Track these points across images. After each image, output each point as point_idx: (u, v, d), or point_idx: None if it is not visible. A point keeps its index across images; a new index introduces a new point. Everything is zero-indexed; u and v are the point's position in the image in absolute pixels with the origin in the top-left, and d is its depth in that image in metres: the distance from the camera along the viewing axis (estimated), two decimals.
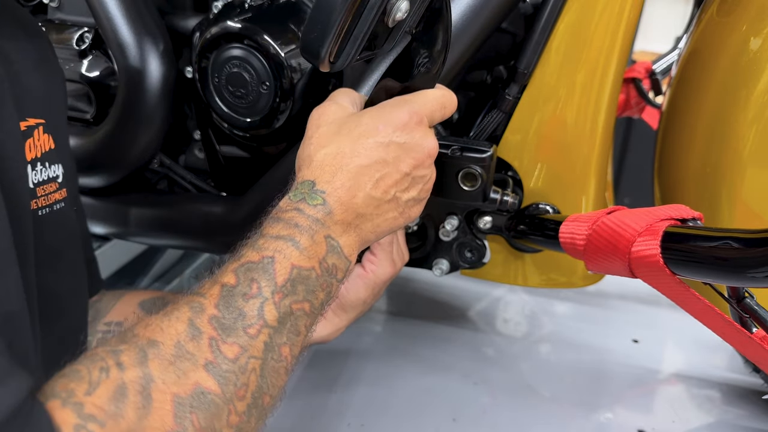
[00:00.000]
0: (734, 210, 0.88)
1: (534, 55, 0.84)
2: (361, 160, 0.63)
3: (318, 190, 0.62)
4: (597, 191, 0.90)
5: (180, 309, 0.52)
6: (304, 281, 0.57)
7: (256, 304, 0.54)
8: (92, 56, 0.94)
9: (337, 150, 0.63)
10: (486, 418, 0.93)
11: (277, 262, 0.56)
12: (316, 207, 0.61)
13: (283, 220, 0.60)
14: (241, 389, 0.50)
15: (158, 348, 0.48)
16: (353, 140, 0.64)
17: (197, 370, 0.48)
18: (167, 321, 0.51)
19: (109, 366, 0.46)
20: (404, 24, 0.66)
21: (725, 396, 1.02)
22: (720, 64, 0.88)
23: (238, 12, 0.84)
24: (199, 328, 0.51)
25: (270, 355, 0.53)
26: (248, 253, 0.58)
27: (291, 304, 0.56)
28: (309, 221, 0.60)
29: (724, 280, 0.63)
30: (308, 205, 0.61)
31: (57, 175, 0.66)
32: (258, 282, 0.55)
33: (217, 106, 0.86)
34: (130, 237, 1.00)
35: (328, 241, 0.61)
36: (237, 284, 0.55)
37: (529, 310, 1.26)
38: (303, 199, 0.61)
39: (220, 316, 0.52)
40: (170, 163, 1.00)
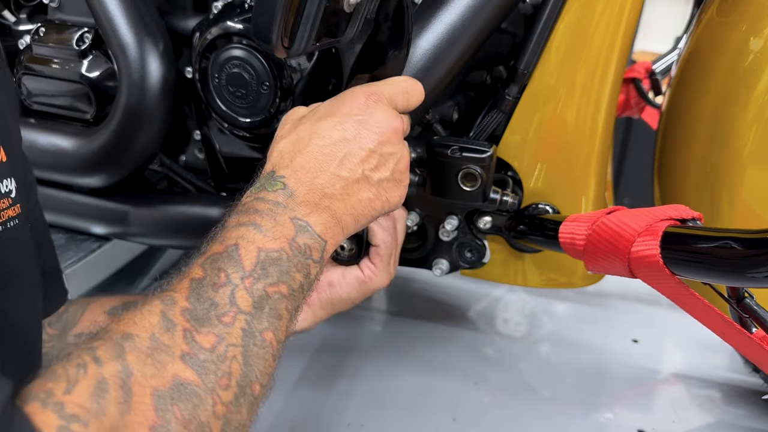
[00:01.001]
0: (734, 210, 0.88)
1: (534, 55, 0.84)
2: (320, 140, 0.63)
3: (277, 176, 0.62)
4: (597, 191, 0.90)
5: (152, 303, 0.52)
6: (275, 263, 0.56)
7: (226, 292, 0.53)
8: (92, 56, 0.94)
9: (297, 137, 0.64)
10: (486, 418, 0.93)
11: (241, 248, 0.56)
12: (276, 192, 0.61)
13: (243, 210, 0.60)
14: (223, 378, 0.49)
15: (134, 341, 0.48)
16: (311, 125, 0.65)
17: (174, 362, 0.48)
18: (140, 315, 0.50)
19: (86, 362, 0.45)
20: (362, 8, 0.65)
21: (725, 396, 1.02)
22: (720, 64, 0.88)
23: (238, 12, 0.84)
24: (172, 320, 0.50)
25: (251, 342, 0.53)
26: (213, 246, 0.57)
27: (265, 288, 0.55)
28: (269, 205, 0.59)
29: (723, 281, 0.63)
30: (268, 191, 0.61)
31: (9, 189, 0.61)
32: (225, 270, 0.54)
33: (217, 106, 0.86)
34: (130, 237, 1.00)
35: (296, 222, 0.60)
36: (205, 276, 0.54)
37: (529, 310, 1.26)
38: (263, 187, 0.61)
39: (191, 308, 0.52)
40: (170, 163, 1.00)
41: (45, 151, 0.95)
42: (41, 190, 1.01)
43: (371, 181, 0.65)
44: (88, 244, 1.03)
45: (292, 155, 0.63)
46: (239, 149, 0.97)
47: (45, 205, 1.02)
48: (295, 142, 0.64)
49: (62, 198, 1.00)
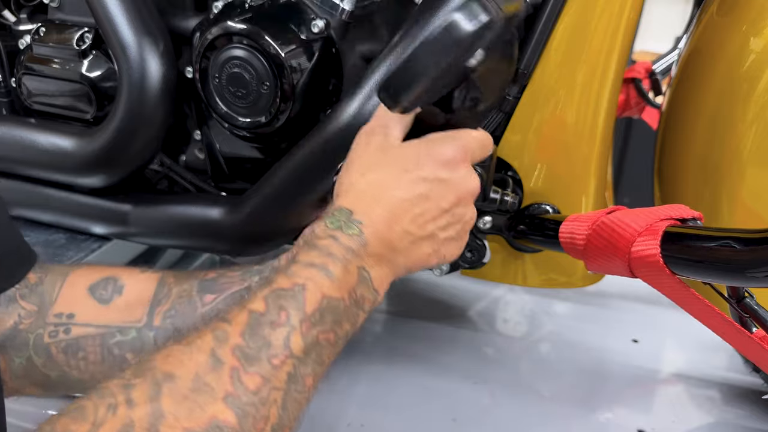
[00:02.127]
0: (734, 210, 0.88)
1: (534, 55, 0.84)
2: (402, 193, 0.62)
3: (355, 220, 0.61)
4: (597, 191, 0.90)
5: (203, 338, 0.51)
6: (333, 311, 0.56)
7: (282, 334, 0.53)
8: (92, 56, 0.94)
9: (379, 180, 0.63)
10: (486, 418, 0.93)
11: (307, 291, 0.55)
12: (352, 237, 0.60)
13: (318, 247, 0.59)
14: (260, 422, 0.49)
15: (175, 382, 0.47)
16: (396, 172, 0.63)
17: (215, 402, 0.47)
18: (188, 352, 0.50)
19: (118, 403, 0.44)
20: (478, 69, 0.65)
21: (725, 396, 1.02)
22: (720, 64, 0.88)
23: (238, 12, 0.84)
24: (220, 359, 0.49)
25: (293, 387, 0.53)
26: (279, 280, 0.56)
27: (318, 334, 0.55)
28: (343, 250, 0.59)
29: (723, 280, 0.63)
30: (344, 234, 0.60)
31: None
32: (287, 310, 0.54)
33: (218, 106, 0.86)
34: (130, 237, 1.00)
35: (360, 272, 0.60)
36: (266, 311, 0.53)
37: (529, 310, 1.26)
38: (339, 227, 0.60)
39: (244, 344, 0.51)
40: (170, 162, 1.00)
41: (45, 151, 0.95)
42: (42, 190, 1.01)
43: (437, 239, 0.65)
44: (88, 243, 1.03)
45: (372, 201, 0.62)
46: (239, 149, 0.97)
47: (45, 205, 1.02)
48: (377, 185, 0.63)
49: (62, 198, 1.00)
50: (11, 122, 0.98)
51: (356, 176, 0.64)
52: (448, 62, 0.58)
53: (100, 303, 0.73)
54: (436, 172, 0.63)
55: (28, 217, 1.05)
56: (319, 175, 0.83)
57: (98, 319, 0.72)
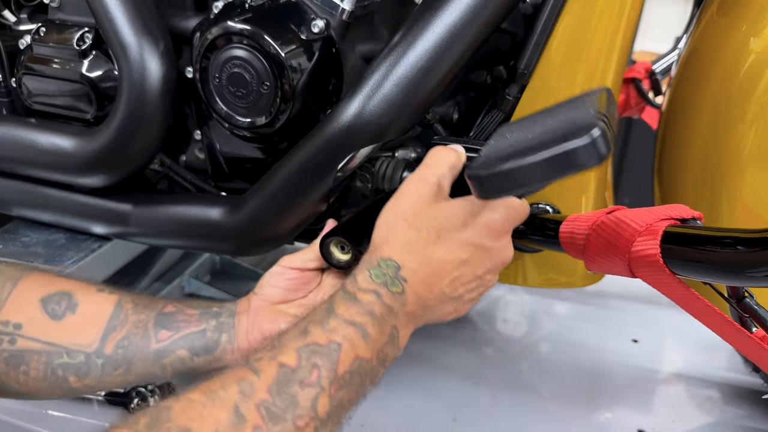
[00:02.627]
0: (734, 209, 0.88)
1: (534, 55, 0.84)
2: (448, 254, 0.63)
3: (401, 276, 0.61)
4: (597, 191, 0.90)
5: (227, 389, 0.50)
6: (361, 373, 0.57)
7: (311, 394, 0.52)
8: (93, 56, 0.95)
9: (429, 236, 0.63)
10: (486, 418, 0.94)
11: (343, 351, 0.55)
12: (395, 295, 0.60)
13: (360, 302, 0.59)
14: None
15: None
16: (446, 231, 0.63)
17: None
18: (209, 406, 0.49)
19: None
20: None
21: (725, 396, 1.02)
22: (720, 64, 0.88)
23: (238, 12, 0.84)
24: (243, 416, 0.48)
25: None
26: (315, 333, 0.56)
27: (343, 396, 0.55)
28: (384, 310, 0.59)
29: (723, 280, 0.63)
30: (388, 291, 0.60)
31: None
32: (319, 369, 0.53)
33: (218, 106, 0.86)
34: (131, 237, 1.00)
35: (392, 331, 0.60)
36: (297, 367, 0.53)
37: (529, 310, 1.26)
38: (385, 282, 0.60)
39: (270, 402, 0.50)
40: (170, 162, 1.00)
41: (45, 151, 0.95)
42: (42, 190, 1.01)
43: (461, 299, 0.66)
44: (89, 243, 1.03)
45: (420, 261, 0.62)
46: (240, 149, 0.97)
47: (46, 205, 1.02)
48: (426, 243, 0.63)
49: (63, 198, 1.00)
50: (11, 122, 0.98)
51: (405, 225, 0.64)
52: (553, 180, 0.57)
53: (51, 318, 0.71)
54: (482, 239, 0.64)
55: (29, 217, 1.06)
56: (319, 175, 0.83)
57: (46, 335, 0.70)
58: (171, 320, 0.75)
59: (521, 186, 0.57)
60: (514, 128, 0.65)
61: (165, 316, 0.75)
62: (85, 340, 0.71)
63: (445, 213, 0.64)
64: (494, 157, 0.59)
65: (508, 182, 0.57)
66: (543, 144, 0.55)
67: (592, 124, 0.53)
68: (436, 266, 0.62)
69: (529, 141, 0.58)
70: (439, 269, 0.62)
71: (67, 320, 0.71)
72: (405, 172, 0.87)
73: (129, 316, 0.73)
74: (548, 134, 0.57)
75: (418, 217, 0.64)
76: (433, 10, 0.78)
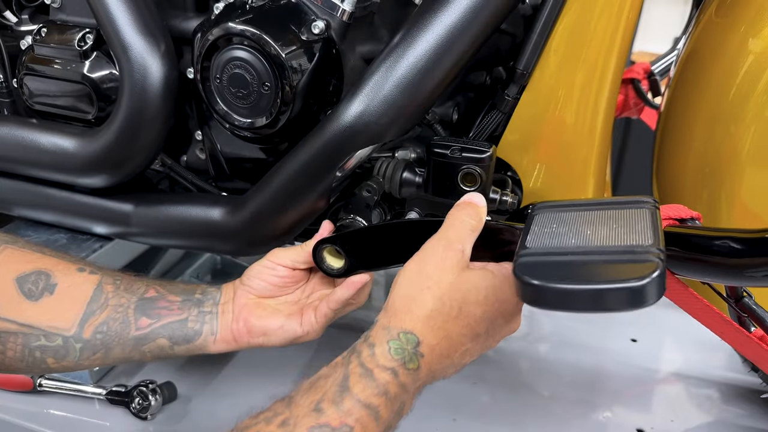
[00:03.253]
0: (733, 210, 0.89)
1: (533, 55, 0.84)
2: (466, 330, 0.63)
3: (419, 353, 0.61)
4: (596, 191, 0.90)
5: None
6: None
7: None
8: (94, 57, 0.95)
9: (449, 312, 0.62)
10: (485, 418, 0.94)
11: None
12: (410, 372, 0.60)
13: (376, 381, 0.58)
14: None
15: None
16: (468, 306, 0.63)
17: None
18: None
19: None
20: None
21: (724, 395, 1.02)
22: (718, 65, 0.88)
23: (239, 13, 0.84)
24: None
25: None
26: (330, 412, 0.56)
27: None
28: (399, 390, 0.59)
29: (722, 280, 0.64)
30: (405, 369, 0.60)
31: None
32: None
33: (219, 107, 0.87)
34: (132, 237, 1.01)
35: (401, 405, 0.60)
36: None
37: (529, 310, 1.26)
38: (403, 359, 0.60)
39: None
40: (171, 163, 1.01)
41: (47, 151, 0.95)
42: (43, 190, 1.01)
43: (463, 364, 0.67)
44: (90, 243, 1.03)
45: (440, 336, 0.62)
46: (240, 149, 0.97)
47: (47, 205, 1.02)
48: (447, 315, 0.62)
49: (64, 198, 1.00)
50: (13, 122, 0.98)
51: (429, 296, 0.62)
52: (603, 312, 0.55)
53: (27, 298, 0.70)
54: (498, 316, 0.65)
55: (30, 217, 1.06)
56: (319, 176, 0.84)
57: (23, 316, 0.70)
58: (152, 307, 0.74)
59: (568, 308, 0.55)
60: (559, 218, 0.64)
61: (146, 301, 0.74)
62: (64, 323, 0.71)
63: (468, 285, 0.63)
64: (543, 263, 0.57)
65: (557, 300, 0.55)
66: (601, 272, 0.53)
67: (654, 266, 0.51)
68: (453, 341, 0.63)
69: (583, 255, 0.56)
70: (455, 343, 0.63)
71: (44, 301, 0.70)
72: (405, 172, 0.87)
73: (109, 299, 0.73)
74: (605, 255, 0.55)
75: (443, 286, 0.63)
76: (433, 11, 0.78)
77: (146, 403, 0.95)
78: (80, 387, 0.99)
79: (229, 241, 0.94)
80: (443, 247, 0.65)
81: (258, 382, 1.03)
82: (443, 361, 0.63)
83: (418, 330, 0.61)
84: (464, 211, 0.69)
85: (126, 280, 0.77)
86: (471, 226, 0.68)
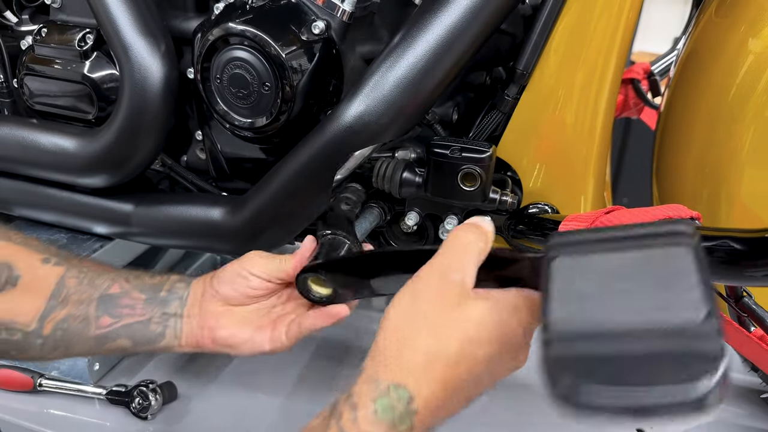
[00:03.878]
0: (732, 210, 0.89)
1: (533, 56, 0.84)
2: (466, 374, 0.54)
3: (412, 410, 0.52)
4: (596, 191, 0.91)
5: None
6: None
7: None
8: (94, 57, 0.95)
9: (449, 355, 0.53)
10: (485, 417, 0.94)
11: None
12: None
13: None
14: None
15: None
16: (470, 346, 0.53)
17: None
18: None
19: None
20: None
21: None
22: (718, 65, 0.88)
23: (239, 13, 0.84)
24: None
25: None
26: None
27: None
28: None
29: (722, 280, 0.64)
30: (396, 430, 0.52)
31: None
32: None
33: (219, 107, 0.87)
34: (132, 237, 1.01)
35: None
36: None
37: None
38: (392, 422, 0.51)
39: None
40: (172, 163, 1.01)
41: (47, 152, 0.95)
42: (43, 190, 1.01)
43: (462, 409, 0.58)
44: (90, 243, 1.03)
45: (437, 387, 0.52)
46: (241, 149, 0.97)
47: (47, 205, 1.02)
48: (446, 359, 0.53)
49: (64, 198, 1.00)
50: (13, 123, 0.98)
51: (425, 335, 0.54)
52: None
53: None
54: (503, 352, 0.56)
55: (30, 216, 1.06)
56: (319, 176, 0.84)
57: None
58: (114, 305, 0.71)
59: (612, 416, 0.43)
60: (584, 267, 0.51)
61: (109, 298, 0.71)
62: (24, 318, 0.69)
63: (470, 322, 0.54)
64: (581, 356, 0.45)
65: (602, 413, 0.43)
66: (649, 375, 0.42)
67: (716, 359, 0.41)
68: (453, 390, 0.54)
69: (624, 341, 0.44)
70: (455, 392, 0.54)
71: (6, 294, 0.69)
72: (405, 172, 0.87)
73: (71, 294, 0.70)
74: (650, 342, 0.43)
75: (440, 326, 0.54)
76: (433, 11, 0.78)
77: (146, 402, 0.95)
78: (80, 387, 0.99)
79: (229, 241, 0.94)
80: (440, 276, 0.56)
81: (258, 382, 1.03)
82: (440, 413, 0.54)
83: (411, 383, 0.52)
84: (469, 235, 0.59)
85: (91, 272, 0.73)
86: (475, 252, 0.57)
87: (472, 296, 0.55)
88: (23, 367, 1.00)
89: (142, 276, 0.76)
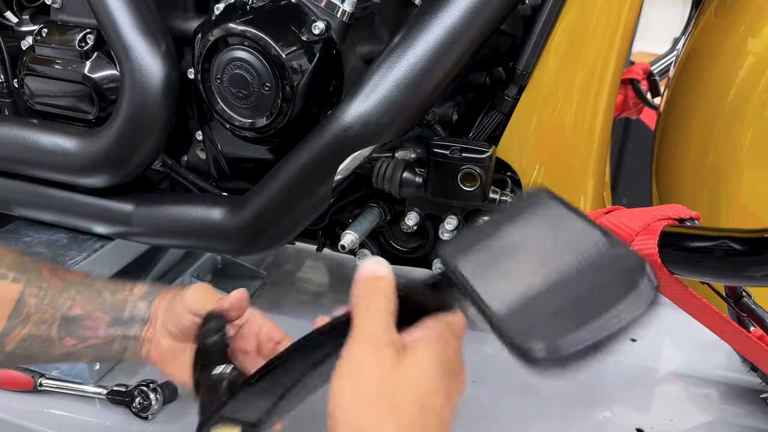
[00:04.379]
0: (732, 210, 0.89)
1: (533, 56, 0.85)
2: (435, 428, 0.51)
3: None
4: (595, 191, 0.91)
5: None
6: None
7: None
8: (94, 57, 0.95)
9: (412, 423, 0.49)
10: (486, 417, 0.94)
11: None
12: None
13: None
14: None
15: None
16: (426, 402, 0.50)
17: None
18: None
19: None
20: None
21: (723, 395, 1.02)
22: (718, 66, 0.89)
23: (239, 13, 0.84)
24: None
25: None
26: None
27: None
28: None
29: (721, 280, 0.64)
30: None
31: None
32: None
33: (219, 107, 0.87)
34: (133, 237, 1.01)
35: None
36: None
37: None
38: None
39: None
40: (172, 163, 1.01)
41: (48, 152, 0.95)
42: (44, 190, 1.01)
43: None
44: (91, 243, 1.03)
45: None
46: (241, 149, 0.97)
47: (48, 205, 1.02)
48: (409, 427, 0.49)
49: (64, 198, 1.00)
50: (14, 123, 0.98)
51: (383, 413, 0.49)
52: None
53: None
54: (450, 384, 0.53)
55: (31, 217, 1.06)
56: (319, 176, 0.84)
57: None
58: (77, 326, 0.71)
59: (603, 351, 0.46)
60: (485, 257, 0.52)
61: (70, 320, 0.71)
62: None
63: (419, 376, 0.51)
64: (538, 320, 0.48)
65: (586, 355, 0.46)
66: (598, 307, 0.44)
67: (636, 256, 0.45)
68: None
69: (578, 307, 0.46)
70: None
71: None
72: (405, 172, 0.87)
73: (31, 314, 0.70)
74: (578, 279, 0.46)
75: (395, 396, 0.49)
76: (433, 11, 0.78)
77: (147, 402, 0.95)
78: (81, 386, 0.99)
79: (229, 241, 0.94)
80: (372, 347, 0.51)
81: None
82: None
83: None
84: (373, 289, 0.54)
85: (51, 289, 0.71)
86: (387, 303, 0.53)
87: (406, 349, 0.52)
88: (23, 367, 1.00)
89: (103, 293, 0.74)
